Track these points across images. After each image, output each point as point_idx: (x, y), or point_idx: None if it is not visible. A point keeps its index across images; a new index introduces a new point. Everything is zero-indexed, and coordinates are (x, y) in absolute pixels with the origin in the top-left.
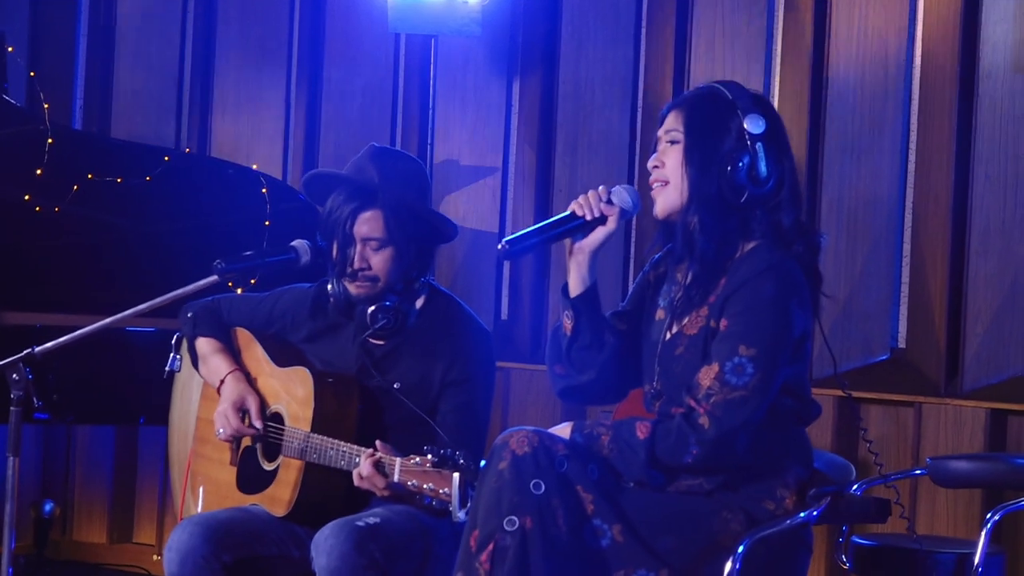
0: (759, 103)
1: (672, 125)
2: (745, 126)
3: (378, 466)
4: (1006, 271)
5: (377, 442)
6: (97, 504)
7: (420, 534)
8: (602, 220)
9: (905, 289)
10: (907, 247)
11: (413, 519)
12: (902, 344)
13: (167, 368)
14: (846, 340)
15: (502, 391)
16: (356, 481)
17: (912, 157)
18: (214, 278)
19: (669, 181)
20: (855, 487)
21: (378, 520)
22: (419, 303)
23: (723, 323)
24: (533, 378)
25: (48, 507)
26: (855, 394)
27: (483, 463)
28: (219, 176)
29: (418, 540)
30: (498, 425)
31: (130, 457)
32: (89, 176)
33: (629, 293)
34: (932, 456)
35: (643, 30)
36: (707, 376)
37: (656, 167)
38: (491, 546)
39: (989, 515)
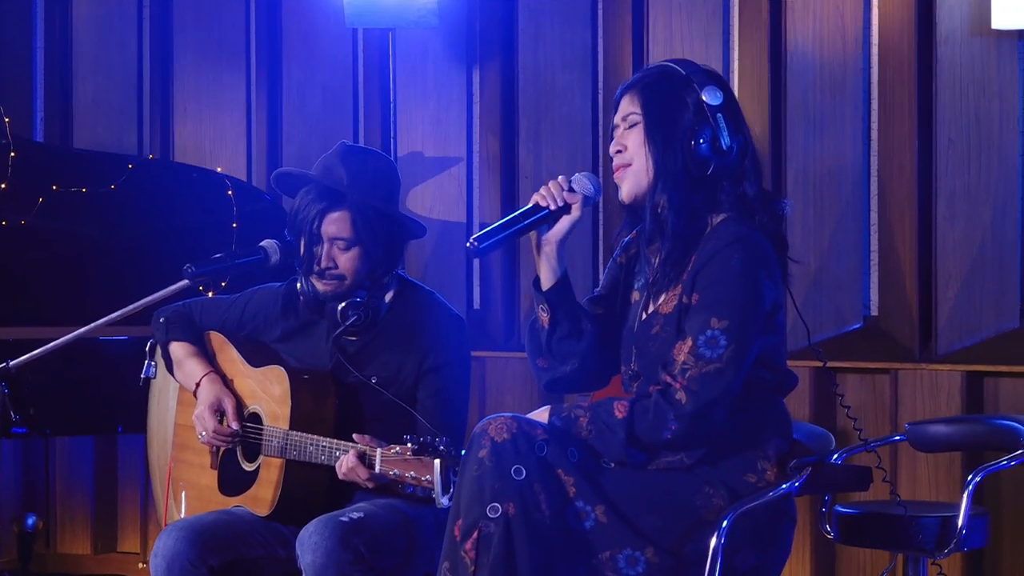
0: (712, 76)
1: (628, 108)
2: (704, 98)
3: (360, 458)
4: (974, 234)
5: (355, 435)
6: (80, 515)
7: (404, 526)
8: (566, 209)
9: (875, 257)
10: (874, 215)
11: (397, 511)
12: (874, 312)
13: (142, 375)
14: (818, 310)
15: (478, 380)
16: (340, 474)
17: (875, 125)
18: (185, 282)
19: (632, 163)
20: (835, 456)
21: (362, 515)
22: (389, 296)
23: (694, 297)
24: (508, 365)
25: (31, 521)
26: (830, 364)
27: (463, 451)
28: (184, 181)
29: (402, 532)
30: (476, 414)
31: (110, 467)
32: (54, 187)
33: (603, 278)
34: (910, 421)
35: (599, 11)
36: (681, 351)
37: (619, 151)
38: (475, 534)
39: (970, 477)
